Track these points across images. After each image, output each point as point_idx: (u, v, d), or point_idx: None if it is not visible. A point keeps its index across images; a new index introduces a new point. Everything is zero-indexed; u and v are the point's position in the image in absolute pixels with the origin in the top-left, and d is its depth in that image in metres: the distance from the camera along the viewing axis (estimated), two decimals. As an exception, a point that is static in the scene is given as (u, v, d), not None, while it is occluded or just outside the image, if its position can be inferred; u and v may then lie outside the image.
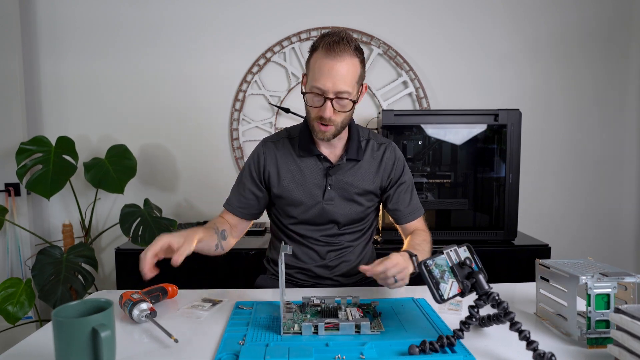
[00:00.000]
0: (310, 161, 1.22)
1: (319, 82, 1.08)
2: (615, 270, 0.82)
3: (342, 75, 1.07)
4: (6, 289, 1.85)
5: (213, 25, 2.32)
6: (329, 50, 1.06)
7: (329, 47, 1.06)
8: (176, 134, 2.37)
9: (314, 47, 1.11)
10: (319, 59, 1.08)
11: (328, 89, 1.07)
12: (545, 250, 1.92)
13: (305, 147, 1.21)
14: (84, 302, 0.75)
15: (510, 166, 1.91)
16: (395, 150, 1.28)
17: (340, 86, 1.07)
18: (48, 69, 2.31)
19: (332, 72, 1.06)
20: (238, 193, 1.28)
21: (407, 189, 1.27)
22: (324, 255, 1.26)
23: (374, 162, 1.25)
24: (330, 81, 1.07)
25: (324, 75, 1.07)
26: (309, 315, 0.92)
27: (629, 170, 2.49)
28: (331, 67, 1.06)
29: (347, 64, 1.07)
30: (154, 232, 1.91)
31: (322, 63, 1.07)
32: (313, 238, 1.26)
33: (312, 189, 1.22)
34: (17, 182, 2.18)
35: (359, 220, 1.27)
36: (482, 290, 0.79)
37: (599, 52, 2.41)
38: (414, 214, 1.27)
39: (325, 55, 1.06)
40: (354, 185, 1.22)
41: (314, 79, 1.09)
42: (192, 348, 0.81)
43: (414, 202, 1.28)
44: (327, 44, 1.06)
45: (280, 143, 1.26)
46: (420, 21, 2.35)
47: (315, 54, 1.10)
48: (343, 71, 1.07)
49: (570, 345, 0.81)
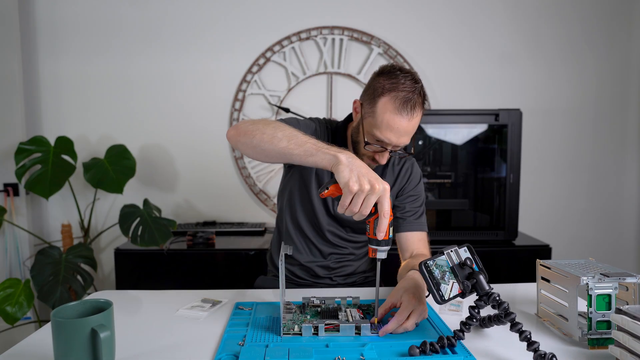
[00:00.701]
0: None
1: (384, 136, 1.04)
2: (616, 271, 0.82)
3: (409, 132, 1.05)
4: (5, 290, 1.84)
5: (213, 25, 2.32)
6: (404, 108, 1.01)
7: (404, 104, 1.01)
8: (176, 134, 2.36)
9: (384, 89, 1.03)
10: (390, 111, 1.02)
11: (392, 142, 1.05)
12: (546, 250, 1.92)
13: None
14: (83, 303, 0.74)
15: (510, 166, 1.91)
16: (414, 165, 1.27)
17: (404, 140, 1.06)
18: (47, 68, 2.30)
19: (400, 130, 1.03)
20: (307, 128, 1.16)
21: (416, 202, 1.24)
22: (326, 255, 1.27)
23: (392, 176, 1.24)
24: (395, 137, 1.04)
25: (392, 132, 1.03)
26: (309, 316, 0.91)
27: (629, 170, 2.49)
28: (400, 126, 1.03)
29: (415, 121, 1.04)
30: (153, 233, 1.90)
31: (392, 119, 1.02)
32: (318, 235, 1.26)
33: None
34: (16, 182, 2.17)
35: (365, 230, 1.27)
36: (483, 291, 0.79)
37: (600, 51, 2.41)
38: (415, 226, 1.21)
39: (398, 112, 1.02)
40: None
41: (379, 129, 1.04)
42: (192, 348, 0.81)
43: (418, 215, 1.23)
44: (403, 99, 1.01)
45: (329, 132, 1.22)
46: (421, 21, 2.35)
47: (385, 101, 1.03)
48: (410, 128, 1.04)
49: (571, 346, 0.81)
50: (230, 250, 1.93)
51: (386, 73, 1.06)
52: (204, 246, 1.95)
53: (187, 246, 1.96)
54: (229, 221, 2.36)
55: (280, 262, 0.87)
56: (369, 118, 1.07)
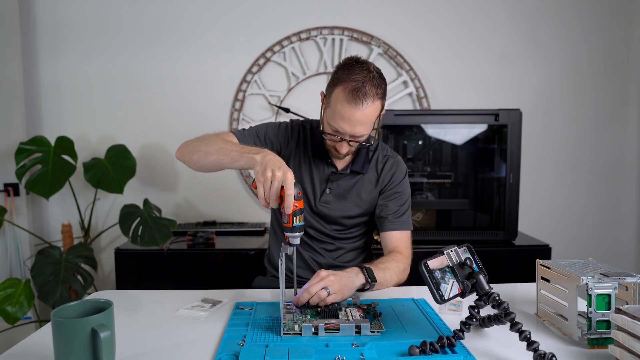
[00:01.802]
0: (318, 162, 1.24)
1: (337, 125, 1.07)
2: (616, 271, 0.82)
3: (362, 122, 1.06)
4: (5, 289, 1.84)
5: (213, 25, 2.32)
6: (353, 97, 1.03)
7: (353, 93, 1.03)
8: (176, 133, 2.34)
9: (338, 81, 1.06)
10: (340, 101, 1.05)
11: (346, 132, 1.07)
12: (546, 250, 1.92)
13: (318, 149, 1.23)
14: (83, 303, 0.74)
15: (510, 166, 1.91)
16: (398, 164, 1.27)
17: (358, 130, 1.06)
18: (47, 68, 2.30)
19: (352, 119, 1.05)
20: (252, 137, 1.22)
21: (397, 200, 1.24)
22: (313, 251, 1.28)
23: (375, 174, 1.26)
24: (349, 127, 1.06)
25: (344, 121, 1.05)
26: (309, 316, 0.92)
27: (629, 170, 2.49)
28: (351, 115, 1.04)
29: (368, 111, 1.05)
30: (154, 233, 1.90)
31: (342, 108, 1.04)
32: (312, 236, 1.26)
33: (314, 186, 1.23)
34: (16, 182, 2.17)
35: (351, 227, 1.27)
36: (483, 291, 0.79)
37: (600, 51, 2.41)
38: (397, 225, 1.21)
39: (347, 101, 1.03)
40: (354, 194, 1.23)
41: (333, 119, 1.07)
42: (192, 348, 0.81)
43: (401, 213, 1.22)
44: (352, 89, 1.03)
45: (304, 132, 1.26)
46: (420, 21, 2.35)
47: (338, 91, 1.06)
48: (363, 118, 1.05)
49: (570, 346, 0.81)
50: (231, 250, 1.93)
51: (343, 64, 1.09)
52: (204, 246, 1.96)
53: (187, 246, 1.96)
54: (229, 221, 2.36)
55: (280, 262, 0.87)
56: (327, 109, 1.11)
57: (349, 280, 0.98)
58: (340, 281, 0.96)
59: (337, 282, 0.95)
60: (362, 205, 1.24)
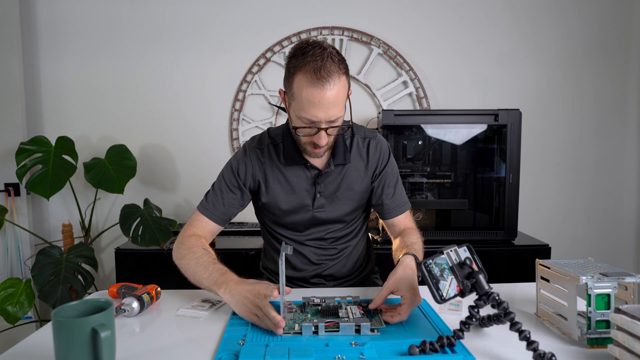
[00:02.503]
0: (297, 169, 1.16)
1: (310, 114, 0.98)
2: (616, 271, 0.82)
3: (334, 102, 0.97)
4: (6, 289, 1.84)
5: (213, 25, 2.32)
6: (317, 78, 0.95)
7: (316, 74, 0.95)
8: (176, 134, 2.37)
9: (295, 68, 0.98)
10: (305, 87, 0.96)
11: (321, 119, 0.98)
12: (546, 250, 1.92)
13: (291, 156, 1.14)
14: (83, 302, 0.74)
15: (510, 166, 1.91)
16: (380, 142, 1.21)
17: (333, 113, 0.98)
18: (48, 69, 2.31)
19: (323, 102, 0.96)
20: (221, 199, 1.17)
21: (390, 182, 1.21)
22: (315, 260, 1.24)
23: (361, 160, 1.19)
24: (322, 111, 0.97)
25: (315, 107, 0.97)
26: (310, 315, 0.92)
27: (629, 169, 2.49)
28: (321, 97, 0.96)
29: (336, 89, 0.97)
30: (154, 232, 1.91)
31: (309, 93, 0.96)
32: (304, 244, 1.23)
33: (302, 197, 1.17)
34: (16, 182, 2.18)
35: (351, 222, 1.24)
36: (482, 291, 0.79)
37: (600, 52, 2.41)
38: (400, 209, 1.21)
39: (312, 84, 0.95)
40: (345, 188, 1.18)
41: (302, 109, 0.98)
42: (192, 348, 0.81)
43: (398, 195, 1.21)
44: (313, 70, 0.95)
45: (265, 150, 1.17)
46: (420, 21, 2.35)
47: (299, 78, 0.97)
48: (334, 98, 0.97)
49: (570, 346, 0.81)
50: (231, 250, 1.93)
51: (294, 52, 1.01)
52: (204, 246, 1.95)
53: (187, 246, 1.96)
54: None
55: (280, 261, 0.87)
56: (292, 102, 1.02)
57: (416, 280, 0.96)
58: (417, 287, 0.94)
59: (418, 293, 0.93)
60: (356, 198, 1.19)
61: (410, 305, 0.90)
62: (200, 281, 1.02)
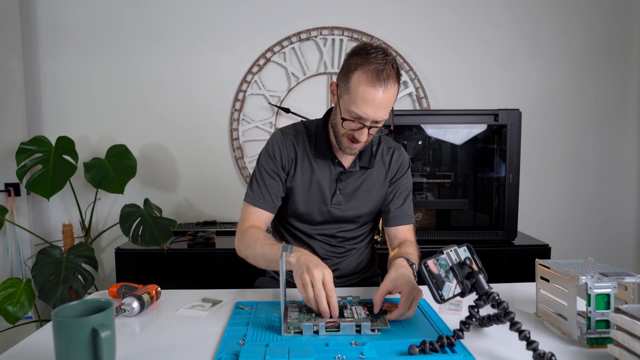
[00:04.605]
0: (323, 163, 1.21)
1: (360, 110, 1.04)
2: (615, 270, 0.82)
3: (385, 105, 1.04)
4: (6, 289, 1.85)
5: (213, 25, 2.32)
6: (377, 79, 1.01)
7: (377, 75, 1.01)
8: (176, 134, 2.37)
9: (357, 65, 1.04)
10: (363, 84, 1.02)
11: (369, 116, 1.05)
12: (545, 250, 1.92)
13: (322, 149, 1.20)
14: (84, 302, 0.75)
15: (510, 166, 1.91)
16: (403, 155, 1.28)
17: (381, 114, 1.05)
18: (48, 68, 2.31)
19: (375, 102, 1.03)
20: (265, 187, 1.20)
21: (402, 193, 1.26)
22: (323, 255, 1.26)
23: (383, 168, 1.25)
24: (372, 110, 1.04)
25: (367, 105, 1.03)
26: (314, 315, 0.91)
27: (629, 170, 2.49)
28: (375, 97, 1.02)
29: (390, 92, 1.04)
30: (154, 232, 1.91)
31: (366, 91, 1.02)
32: (314, 237, 1.26)
33: (323, 190, 1.21)
34: (17, 182, 2.18)
35: (362, 225, 1.28)
36: (482, 290, 0.79)
37: (600, 52, 2.41)
38: (404, 219, 1.25)
39: (371, 83, 1.02)
40: (364, 191, 1.23)
41: (355, 104, 1.04)
42: (192, 348, 0.81)
43: (405, 207, 1.26)
44: (375, 71, 1.01)
45: (299, 138, 1.23)
46: (421, 21, 2.35)
47: (358, 75, 1.03)
48: (386, 101, 1.04)
49: (570, 345, 0.81)
50: (231, 250, 1.92)
51: (357, 50, 1.07)
52: (204, 246, 1.96)
53: (187, 246, 1.96)
54: (230, 221, 2.36)
55: (280, 261, 0.87)
56: (344, 96, 1.07)
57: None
58: (414, 282, 0.96)
59: (417, 286, 0.95)
60: (372, 202, 1.24)
61: (409, 297, 0.91)
62: (270, 258, 1.06)
